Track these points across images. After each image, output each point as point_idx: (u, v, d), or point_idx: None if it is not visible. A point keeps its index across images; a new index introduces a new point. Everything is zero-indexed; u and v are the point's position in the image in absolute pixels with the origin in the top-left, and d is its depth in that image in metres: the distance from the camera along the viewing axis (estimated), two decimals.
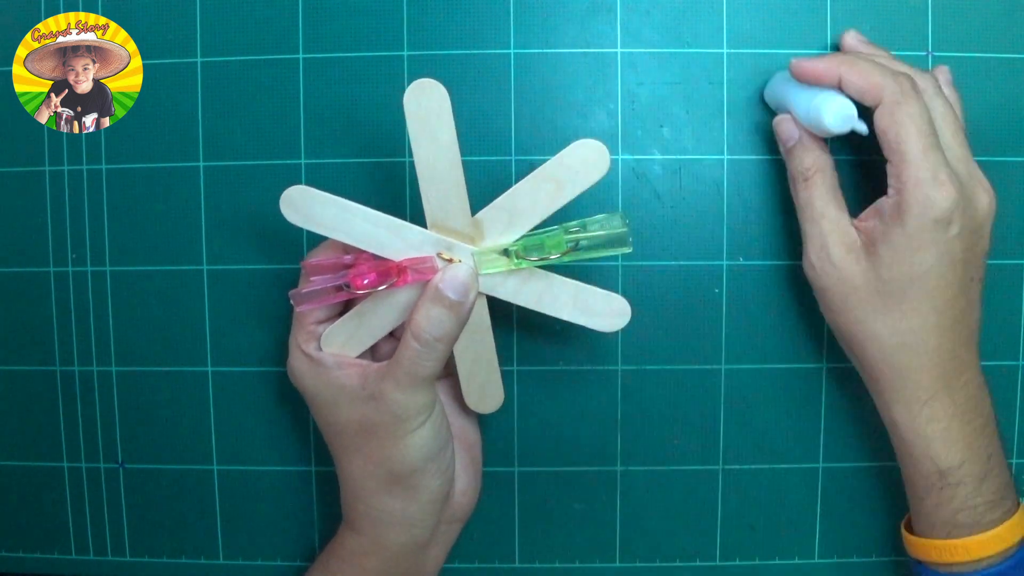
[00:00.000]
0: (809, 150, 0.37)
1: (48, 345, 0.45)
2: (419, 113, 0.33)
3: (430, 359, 0.34)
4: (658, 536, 0.44)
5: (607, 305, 0.36)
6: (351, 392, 0.35)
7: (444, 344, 0.34)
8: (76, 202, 0.44)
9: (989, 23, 0.42)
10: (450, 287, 0.34)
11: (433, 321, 0.33)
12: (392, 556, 0.37)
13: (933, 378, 0.35)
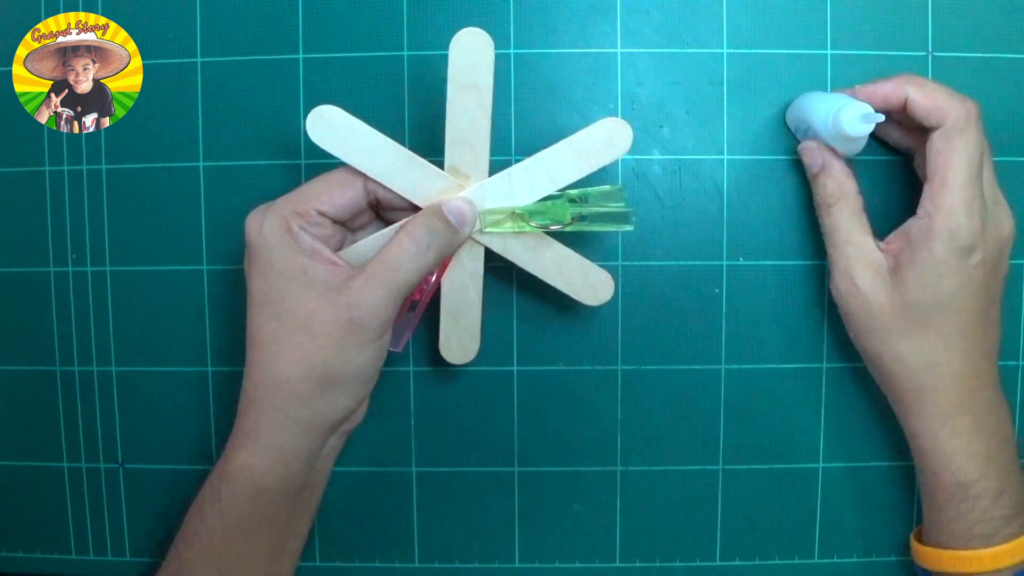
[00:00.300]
0: (833, 176, 0.38)
1: (48, 345, 0.45)
2: (462, 62, 0.35)
3: (416, 264, 0.34)
4: (658, 536, 0.44)
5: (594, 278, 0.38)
6: (312, 282, 0.34)
7: (433, 253, 0.34)
8: (76, 202, 0.44)
9: (989, 23, 0.42)
10: (452, 212, 0.36)
11: (430, 229, 0.35)
12: (288, 471, 0.35)
13: (956, 396, 0.36)
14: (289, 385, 0.34)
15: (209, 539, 0.35)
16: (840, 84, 0.42)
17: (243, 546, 0.35)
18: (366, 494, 0.45)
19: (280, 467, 0.35)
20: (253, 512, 0.35)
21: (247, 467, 0.35)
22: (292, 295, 0.34)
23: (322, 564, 0.45)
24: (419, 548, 0.45)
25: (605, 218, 0.37)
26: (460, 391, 0.44)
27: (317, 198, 0.35)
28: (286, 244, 0.34)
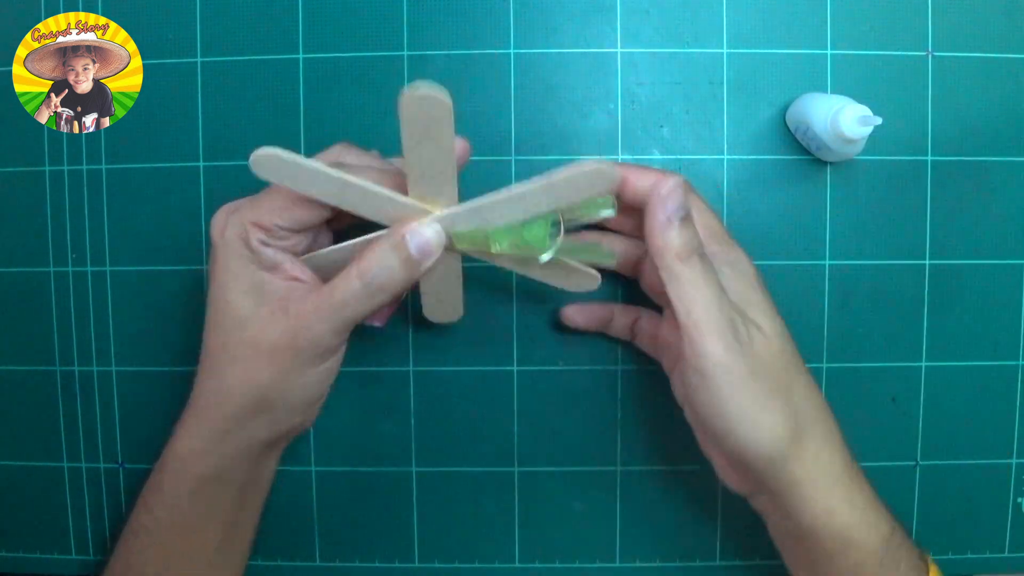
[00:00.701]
0: (689, 228, 0.33)
1: (48, 345, 0.45)
2: (417, 119, 0.30)
3: (364, 304, 0.32)
4: (658, 536, 0.44)
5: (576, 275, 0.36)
6: (265, 297, 0.33)
7: (385, 295, 0.32)
8: (76, 202, 0.44)
9: (989, 23, 0.42)
10: (414, 242, 0.32)
11: (384, 268, 0.32)
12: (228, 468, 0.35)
13: (845, 444, 0.34)
14: (233, 397, 0.34)
15: (156, 531, 0.35)
16: (840, 84, 0.42)
17: (188, 540, 0.35)
18: (366, 494, 0.45)
19: (218, 462, 0.35)
20: (195, 506, 0.35)
21: (188, 461, 0.35)
22: (245, 309, 0.33)
23: (322, 564, 0.45)
24: (419, 548, 0.45)
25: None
26: (460, 391, 0.44)
27: (280, 213, 0.32)
28: (244, 256, 0.33)
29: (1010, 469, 0.43)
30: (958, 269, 0.43)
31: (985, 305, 0.43)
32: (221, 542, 0.37)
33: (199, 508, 0.35)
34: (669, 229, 0.32)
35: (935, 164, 0.42)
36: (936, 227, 0.43)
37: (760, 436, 0.32)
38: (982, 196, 0.42)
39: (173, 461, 0.35)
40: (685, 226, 0.32)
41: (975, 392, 0.43)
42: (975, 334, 0.43)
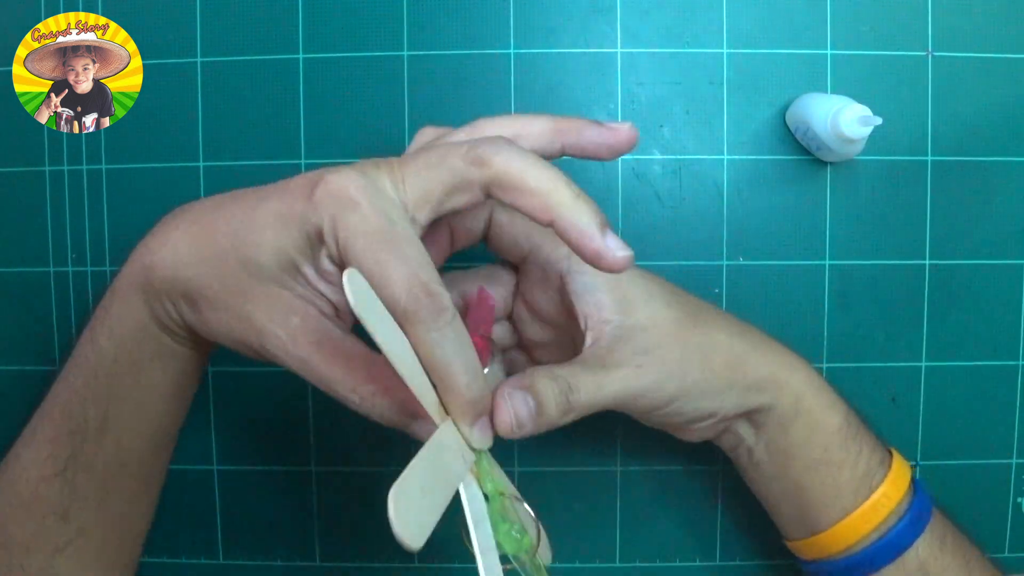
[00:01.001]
0: (545, 404, 0.30)
1: (48, 345, 0.45)
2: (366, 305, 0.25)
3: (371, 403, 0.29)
4: (658, 536, 0.44)
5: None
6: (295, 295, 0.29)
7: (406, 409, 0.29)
8: (76, 202, 0.44)
9: (989, 23, 0.42)
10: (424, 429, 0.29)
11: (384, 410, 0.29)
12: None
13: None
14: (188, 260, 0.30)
15: (99, 364, 0.32)
16: (840, 84, 0.42)
17: (132, 380, 0.32)
18: (366, 494, 0.45)
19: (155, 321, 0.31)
20: (143, 339, 0.31)
21: (135, 284, 0.31)
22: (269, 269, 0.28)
23: (322, 564, 0.45)
24: None
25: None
26: None
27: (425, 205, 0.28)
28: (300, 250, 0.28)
29: (1010, 469, 0.43)
30: (958, 269, 0.43)
31: (985, 305, 0.43)
32: (173, 388, 0.33)
33: (145, 344, 0.32)
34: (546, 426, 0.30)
35: (935, 164, 0.42)
36: (936, 227, 0.43)
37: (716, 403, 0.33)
38: (982, 196, 0.42)
39: (124, 288, 0.32)
40: (542, 415, 0.30)
41: (975, 392, 0.43)
42: (975, 334, 0.43)
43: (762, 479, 0.37)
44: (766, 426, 0.34)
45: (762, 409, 0.34)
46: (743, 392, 0.33)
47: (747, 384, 0.33)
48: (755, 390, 0.34)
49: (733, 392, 0.33)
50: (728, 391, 0.33)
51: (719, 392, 0.33)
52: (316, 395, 0.44)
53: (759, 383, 0.34)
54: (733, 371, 0.33)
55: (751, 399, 0.34)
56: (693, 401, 0.33)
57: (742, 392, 0.33)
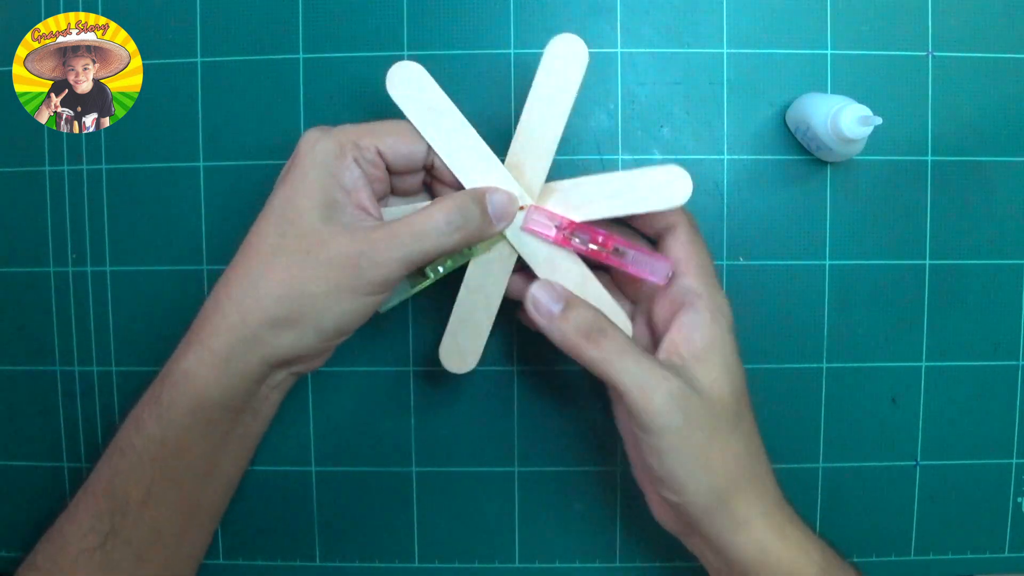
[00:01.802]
0: (579, 308, 0.34)
1: (48, 345, 0.45)
2: (554, 68, 0.34)
3: (439, 240, 0.33)
4: (658, 536, 0.44)
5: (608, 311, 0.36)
6: (334, 217, 0.33)
7: (459, 236, 0.33)
8: (76, 202, 0.44)
9: (989, 23, 0.42)
10: (493, 202, 0.35)
11: (465, 212, 0.33)
12: (232, 385, 0.34)
13: (775, 480, 0.35)
14: (266, 302, 0.33)
15: (144, 448, 0.34)
16: (840, 84, 0.42)
17: (176, 461, 0.34)
18: (366, 494, 0.45)
19: (224, 380, 0.33)
20: (191, 424, 0.34)
21: (191, 373, 0.33)
22: (311, 219, 0.33)
23: (322, 564, 0.45)
24: (419, 548, 0.45)
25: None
26: (460, 391, 0.44)
27: (383, 138, 0.34)
28: (330, 169, 0.33)
29: (1010, 469, 0.44)
30: (958, 269, 0.43)
31: (985, 305, 0.43)
32: (211, 467, 0.36)
33: (194, 429, 0.34)
34: (555, 331, 0.34)
35: (935, 164, 0.42)
36: (936, 227, 0.43)
37: (697, 489, 0.33)
38: (982, 196, 0.42)
39: (176, 374, 0.34)
40: (567, 317, 0.34)
41: (975, 392, 0.43)
42: (975, 334, 0.43)
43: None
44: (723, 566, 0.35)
45: (722, 544, 0.34)
46: (716, 513, 0.33)
47: (727, 511, 0.33)
48: (728, 523, 0.33)
49: (713, 503, 0.33)
50: (711, 499, 0.33)
51: (707, 491, 0.33)
52: (316, 394, 0.44)
53: (734, 519, 0.33)
54: (725, 490, 0.33)
55: (717, 525, 0.34)
56: (681, 467, 0.33)
57: (717, 512, 0.33)
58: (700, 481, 0.33)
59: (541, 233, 0.36)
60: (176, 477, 0.35)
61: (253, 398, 0.35)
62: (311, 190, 0.33)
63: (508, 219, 0.35)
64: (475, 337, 0.37)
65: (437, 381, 0.44)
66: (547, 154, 0.35)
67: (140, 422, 0.34)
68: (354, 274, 0.32)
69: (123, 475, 0.34)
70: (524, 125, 0.35)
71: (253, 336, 0.33)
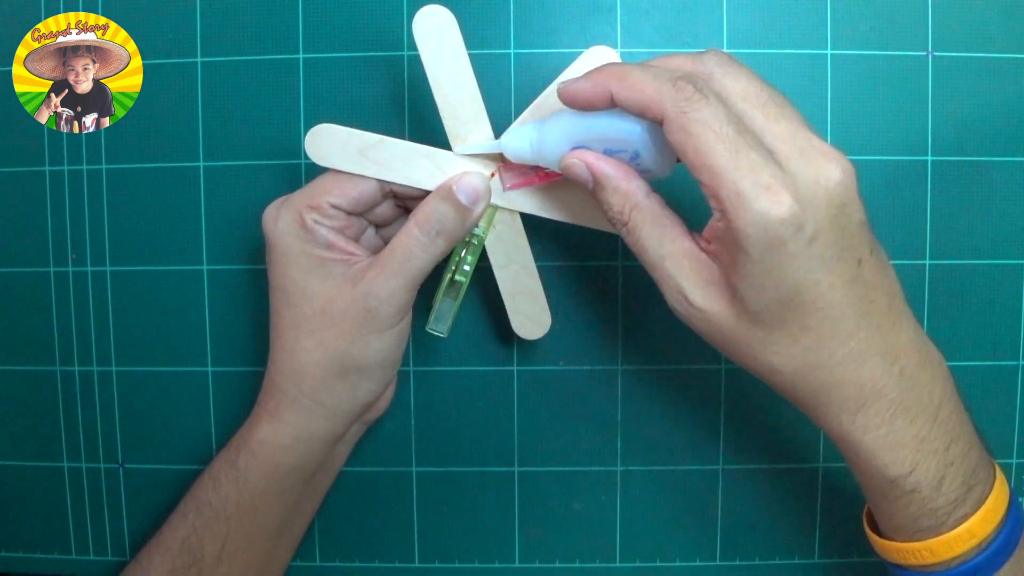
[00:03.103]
0: (611, 188, 0.31)
1: (48, 345, 0.45)
2: (429, 40, 0.35)
3: (426, 252, 0.34)
4: (658, 536, 0.44)
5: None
6: (329, 273, 0.34)
7: (444, 240, 0.34)
8: (76, 202, 0.44)
9: (989, 23, 0.42)
10: (463, 191, 0.34)
11: (439, 215, 0.34)
12: (308, 450, 0.36)
13: (856, 387, 0.30)
14: (310, 369, 0.35)
15: (221, 508, 0.36)
16: (840, 84, 0.42)
17: (251, 520, 0.36)
18: (366, 494, 0.45)
19: (301, 447, 0.36)
20: (267, 488, 0.36)
21: (268, 443, 0.36)
22: (308, 284, 0.35)
23: (322, 564, 0.45)
24: (419, 548, 0.45)
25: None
26: (460, 391, 0.44)
27: (329, 192, 0.35)
28: (301, 237, 0.34)
29: (1010, 469, 0.43)
30: (958, 269, 0.43)
31: (985, 305, 0.43)
32: (281, 527, 0.38)
33: (269, 492, 0.36)
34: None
35: (935, 164, 0.42)
36: (936, 227, 0.43)
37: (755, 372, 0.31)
38: (982, 196, 0.42)
39: (252, 442, 0.36)
40: (601, 197, 0.31)
41: (975, 392, 0.43)
42: (975, 334, 0.43)
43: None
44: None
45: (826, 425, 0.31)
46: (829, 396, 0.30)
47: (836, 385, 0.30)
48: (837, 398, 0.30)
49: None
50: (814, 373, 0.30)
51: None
52: None
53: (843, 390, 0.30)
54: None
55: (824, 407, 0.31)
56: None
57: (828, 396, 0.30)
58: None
59: (525, 183, 0.36)
60: (250, 536, 0.36)
61: (327, 459, 0.38)
62: (295, 261, 0.35)
63: (484, 197, 0.35)
64: (535, 301, 0.38)
65: (437, 381, 0.44)
66: (479, 113, 0.36)
67: (217, 483, 0.36)
68: (369, 315, 0.34)
69: (199, 531, 0.36)
70: (441, 102, 0.36)
71: (314, 404, 0.36)
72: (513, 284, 0.38)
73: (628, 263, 0.43)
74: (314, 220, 0.35)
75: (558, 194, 0.37)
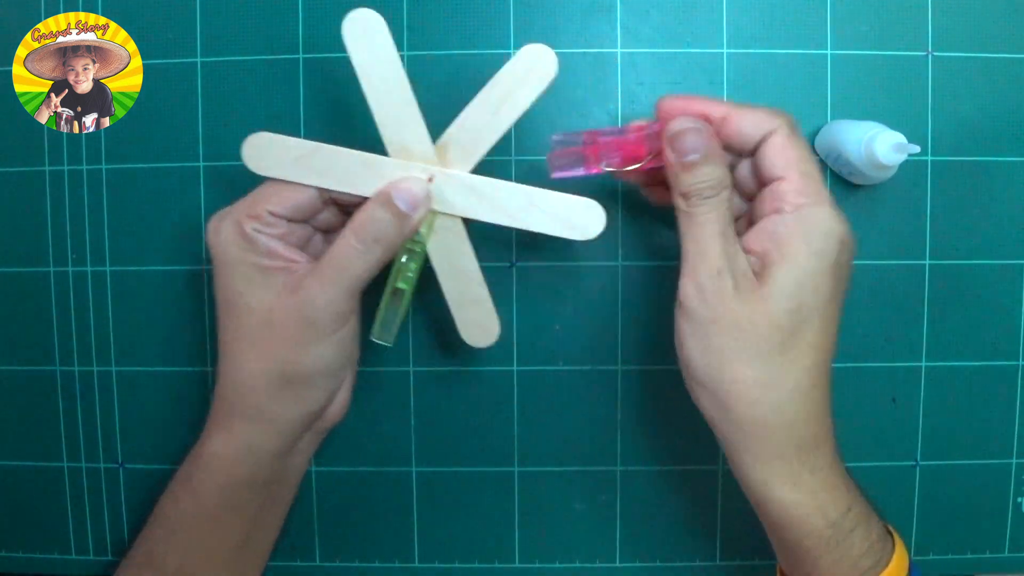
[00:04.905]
0: (718, 165, 0.33)
1: (48, 345, 0.45)
2: (359, 44, 0.34)
3: (364, 260, 0.33)
4: (658, 536, 0.44)
5: (579, 208, 0.35)
6: (269, 280, 0.34)
7: (381, 248, 0.34)
8: (76, 202, 0.44)
9: (989, 23, 0.42)
10: (400, 197, 0.34)
11: (376, 221, 0.33)
12: (258, 461, 0.36)
13: (819, 424, 0.32)
14: (253, 380, 0.35)
15: (179, 521, 0.36)
16: (840, 84, 0.42)
17: (211, 534, 0.36)
18: (366, 494, 0.45)
19: (249, 459, 0.36)
20: (222, 501, 0.36)
21: (218, 456, 0.36)
22: (250, 295, 0.34)
23: (322, 564, 0.45)
24: (419, 548, 0.45)
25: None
26: (460, 391, 0.44)
27: (268, 200, 0.35)
28: (241, 247, 0.34)
29: (1010, 469, 0.43)
30: (958, 269, 0.43)
31: (985, 305, 0.43)
32: (244, 538, 0.37)
33: (225, 505, 0.36)
34: (678, 171, 0.33)
35: (935, 164, 0.42)
36: (936, 227, 0.43)
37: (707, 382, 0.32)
38: (982, 196, 0.42)
39: (204, 456, 0.36)
40: (695, 169, 0.32)
41: (975, 392, 0.43)
42: (975, 334, 0.43)
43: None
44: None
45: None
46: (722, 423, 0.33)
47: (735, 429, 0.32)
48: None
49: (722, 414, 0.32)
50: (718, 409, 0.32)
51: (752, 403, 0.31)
52: None
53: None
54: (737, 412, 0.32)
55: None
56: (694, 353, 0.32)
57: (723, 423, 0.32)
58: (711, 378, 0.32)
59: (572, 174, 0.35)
60: (210, 549, 0.36)
61: (281, 469, 0.37)
62: (236, 271, 0.34)
63: (423, 203, 0.35)
64: (481, 308, 0.37)
65: (437, 381, 0.44)
66: (413, 117, 0.35)
67: (175, 497, 0.37)
68: (307, 324, 0.34)
69: (161, 545, 0.36)
70: (375, 107, 0.35)
71: (259, 414, 0.35)
72: (458, 291, 0.37)
73: (628, 263, 0.43)
74: (254, 229, 0.34)
75: (496, 197, 0.35)
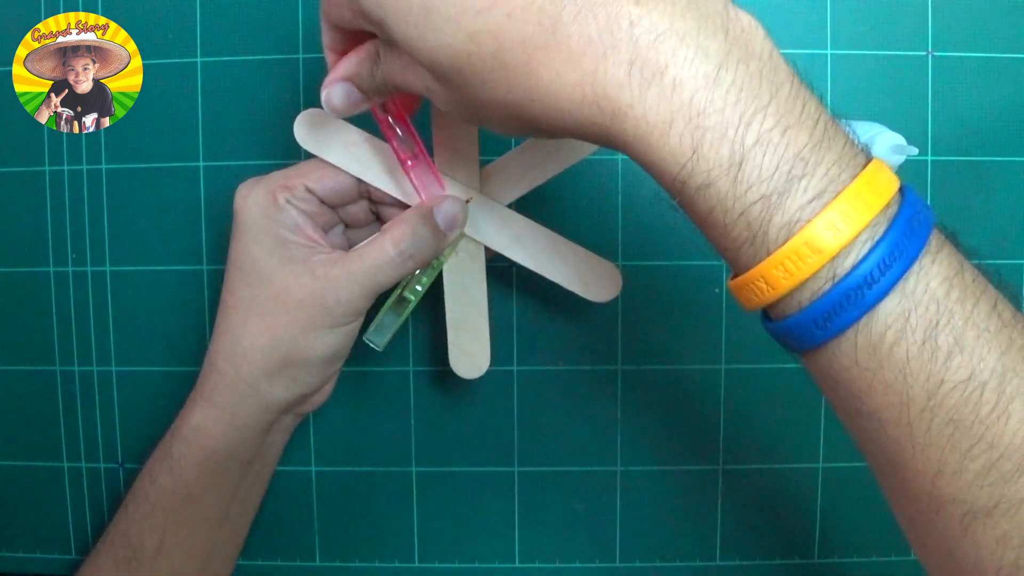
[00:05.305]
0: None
1: (48, 345, 0.45)
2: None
3: (395, 271, 0.34)
4: (658, 536, 0.44)
5: (599, 271, 0.36)
6: (290, 256, 0.34)
7: (414, 263, 0.34)
8: (76, 202, 0.44)
9: (989, 23, 0.42)
10: (442, 216, 0.34)
11: (416, 237, 0.34)
12: (241, 437, 0.36)
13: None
14: (253, 353, 0.34)
15: (157, 499, 0.36)
16: (840, 84, 0.42)
17: (189, 510, 0.36)
18: (366, 494, 0.45)
19: (232, 433, 0.35)
20: (200, 476, 0.36)
21: (199, 429, 0.35)
22: (269, 266, 0.34)
23: (322, 564, 0.45)
24: (419, 548, 0.45)
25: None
26: (460, 391, 0.44)
27: (308, 175, 0.35)
28: (269, 215, 0.34)
29: None
30: None
31: None
32: (222, 516, 0.37)
33: (204, 480, 0.36)
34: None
35: (935, 164, 0.42)
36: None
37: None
38: (982, 196, 0.42)
39: (185, 430, 0.36)
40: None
41: None
42: None
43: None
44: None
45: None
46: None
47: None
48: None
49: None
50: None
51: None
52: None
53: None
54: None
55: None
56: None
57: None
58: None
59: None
60: (189, 526, 0.36)
61: (259, 447, 0.37)
62: (258, 237, 0.34)
63: (460, 224, 0.35)
64: (477, 339, 0.37)
65: (437, 381, 0.44)
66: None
67: (153, 475, 0.36)
68: (323, 311, 0.34)
69: (138, 524, 0.36)
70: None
71: (251, 389, 0.35)
72: (461, 316, 0.37)
73: (628, 263, 0.43)
74: (286, 199, 0.34)
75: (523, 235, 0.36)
